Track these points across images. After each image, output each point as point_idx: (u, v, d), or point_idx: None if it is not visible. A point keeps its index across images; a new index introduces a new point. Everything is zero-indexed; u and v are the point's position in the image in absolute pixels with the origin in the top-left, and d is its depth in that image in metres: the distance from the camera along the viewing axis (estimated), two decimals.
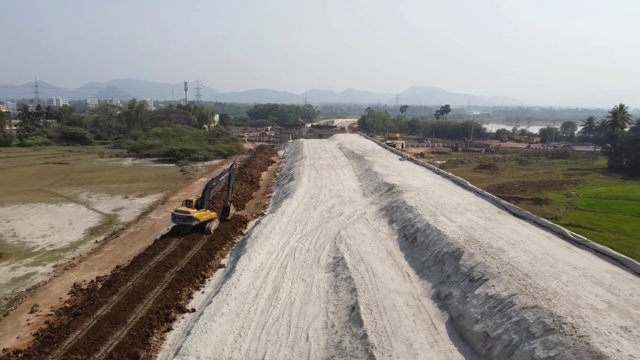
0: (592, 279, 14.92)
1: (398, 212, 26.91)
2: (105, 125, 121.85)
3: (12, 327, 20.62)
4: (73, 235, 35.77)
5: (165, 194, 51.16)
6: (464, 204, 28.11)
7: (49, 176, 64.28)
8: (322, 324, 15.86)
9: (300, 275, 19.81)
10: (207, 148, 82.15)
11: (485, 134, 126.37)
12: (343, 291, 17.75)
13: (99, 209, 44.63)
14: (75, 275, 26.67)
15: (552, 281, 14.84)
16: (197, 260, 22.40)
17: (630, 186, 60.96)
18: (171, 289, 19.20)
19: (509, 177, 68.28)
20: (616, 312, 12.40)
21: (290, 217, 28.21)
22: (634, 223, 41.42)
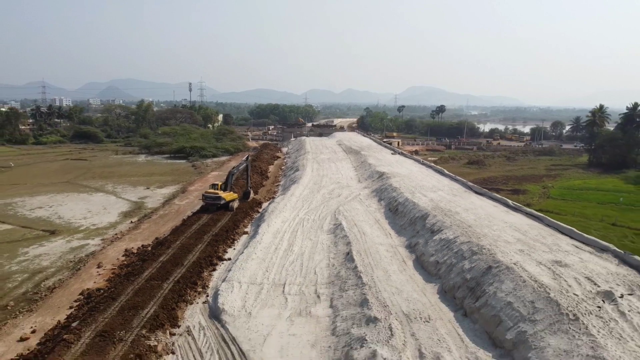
0: (514, 228, 21.38)
1: (385, 192, 33.54)
2: (114, 124, 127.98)
3: (87, 277, 27.02)
4: (110, 218, 42.06)
5: (183, 185, 57.48)
6: (438, 185, 34.75)
7: (72, 171, 70.53)
8: (325, 265, 22.28)
9: (308, 236, 26.26)
10: (215, 146, 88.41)
11: (478, 133, 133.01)
12: (340, 245, 24.17)
13: (126, 197, 50.95)
14: (123, 244, 33.02)
15: (485, 229, 21.30)
16: (226, 228, 28.88)
17: (603, 179, 67.48)
18: (211, 246, 25.63)
19: (494, 171, 74.75)
20: (519, 244, 18.86)
21: (298, 198, 34.76)
22: (595, 209, 47.90)
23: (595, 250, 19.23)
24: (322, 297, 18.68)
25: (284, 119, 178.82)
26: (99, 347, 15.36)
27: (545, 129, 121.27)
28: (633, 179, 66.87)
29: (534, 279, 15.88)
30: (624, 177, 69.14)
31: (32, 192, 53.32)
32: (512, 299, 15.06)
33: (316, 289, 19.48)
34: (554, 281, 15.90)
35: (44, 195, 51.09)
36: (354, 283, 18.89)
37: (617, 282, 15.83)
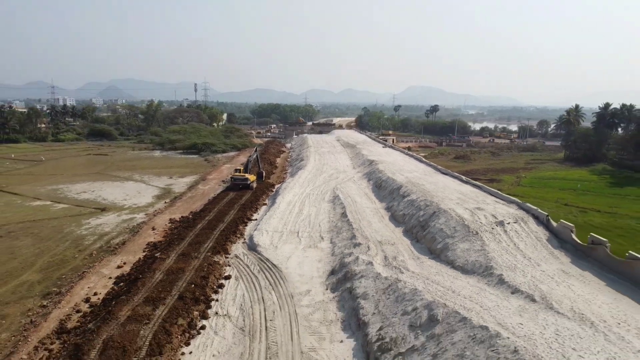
0: (459, 192, 30.52)
1: (373, 174, 42.79)
2: (125, 123, 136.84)
3: (146, 235, 35.96)
4: (146, 199, 50.93)
5: (201, 175, 66.46)
6: (414, 169, 44.09)
7: (97, 164, 79.47)
8: (327, 221, 31.37)
9: (313, 205, 35.37)
10: (224, 142, 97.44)
11: (470, 131, 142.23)
12: (338, 209, 33.29)
13: (154, 184, 59.90)
14: (166, 216, 41.94)
15: (439, 192, 30.46)
16: (250, 201, 38.04)
17: (573, 171, 76.59)
18: (241, 211, 34.73)
19: (477, 165, 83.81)
20: (458, 200, 28.03)
21: (304, 179, 43.93)
22: (555, 193, 56.93)
23: (506, 202, 28.50)
24: (325, 238, 27.67)
25: (285, 118, 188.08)
26: (183, 260, 24.36)
27: (531, 127, 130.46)
28: (599, 171, 75.98)
29: (458, 216, 24.94)
30: (592, 169, 78.21)
31: (70, 180, 62.19)
32: (444, 227, 24.08)
33: (320, 234, 28.48)
34: (471, 217, 24.95)
35: (83, 183, 59.98)
36: (346, 229, 27.88)
37: (509, 217, 24.85)
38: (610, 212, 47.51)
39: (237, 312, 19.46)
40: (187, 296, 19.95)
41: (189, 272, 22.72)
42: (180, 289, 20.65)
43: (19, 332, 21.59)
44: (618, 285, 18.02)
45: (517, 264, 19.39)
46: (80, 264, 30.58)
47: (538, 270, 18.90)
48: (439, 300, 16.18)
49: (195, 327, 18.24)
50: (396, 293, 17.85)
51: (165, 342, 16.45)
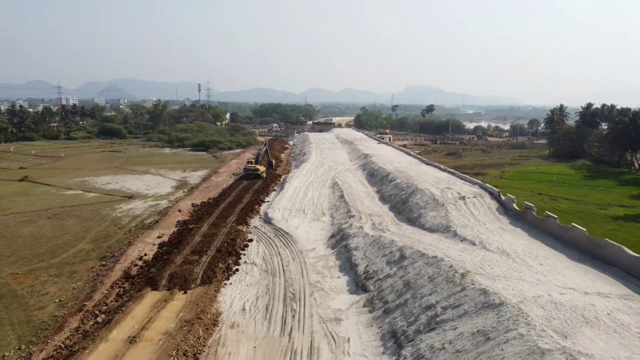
0: (435, 177, 37.60)
1: (368, 165, 49.81)
2: (133, 122, 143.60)
3: (175, 216, 42.70)
4: (166, 189, 57.64)
5: (212, 169, 73.25)
6: (403, 160, 51.15)
7: (114, 160, 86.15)
8: (327, 202, 38.27)
9: (316, 189, 42.31)
10: (230, 140, 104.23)
11: (464, 130, 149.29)
12: (337, 192, 40.21)
13: (171, 177, 66.63)
14: (188, 201, 48.69)
15: (420, 177, 37.50)
16: (261, 187, 44.99)
17: (554, 166, 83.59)
18: (255, 195, 41.66)
19: (467, 161, 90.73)
20: (433, 182, 35.02)
21: (307, 170, 50.98)
22: (532, 185, 63.80)
23: (471, 184, 35.69)
24: (326, 214, 34.50)
25: (286, 118, 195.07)
26: (214, 228, 31.21)
27: (522, 126, 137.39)
28: (578, 166, 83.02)
29: (431, 193, 31.90)
30: (572, 164, 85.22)
31: (93, 174, 68.85)
32: (419, 201, 30.98)
33: (322, 211, 35.33)
34: (441, 193, 31.92)
35: (106, 176, 66.66)
36: (343, 206, 34.75)
37: (470, 194, 31.77)
38: (576, 200, 54.59)
39: (261, 261, 26.28)
40: (223, 250, 26.79)
41: (220, 235, 29.56)
42: (217, 245, 27.49)
43: (92, 280, 28.41)
44: (535, 235, 24.98)
45: (469, 224, 26.22)
46: (123, 237, 37.36)
47: (483, 227, 25.71)
48: (408, 245, 22.97)
49: (231, 269, 25.05)
50: (379, 244, 24.67)
51: (212, 276, 23.27)
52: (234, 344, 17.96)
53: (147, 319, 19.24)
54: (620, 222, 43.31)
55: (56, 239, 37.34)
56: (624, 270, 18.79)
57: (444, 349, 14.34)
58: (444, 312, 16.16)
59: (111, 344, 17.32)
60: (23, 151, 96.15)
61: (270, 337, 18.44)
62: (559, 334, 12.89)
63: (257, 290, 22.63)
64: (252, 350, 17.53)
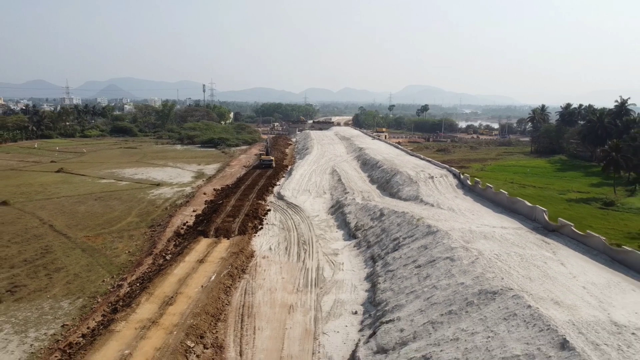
0: (415, 164, 47.55)
1: (361, 156, 59.78)
2: (142, 121, 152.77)
3: (201, 197, 52.15)
4: (186, 179, 66.96)
5: (224, 162, 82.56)
6: (391, 152, 60.96)
7: (132, 155, 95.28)
8: (328, 184, 47.96)
9: (318, 175, 52.02)
10: (236, 137, 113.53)
11: (457, 129, 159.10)
12: (335, 177, 49.90)
13: (188, 169, 75.94)
14: (209, 187, 58.12)
15: (402, 164, 47.15)
16: (272, 174, 54.74)
17: (533, 161, 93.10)
18: (268, 180, 51.32)
19: (455, 156, 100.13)
20: (412, 167, 44.74)
21: (310, 161, 60.77)
22: (508, 175, 73.24)
23: (440, 167, 45.54)
24: (327, 192, 44.07)
25: (287, 117, 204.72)
26: (240, 201, 40.77)
27: (511, 125, 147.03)
28: (555, 161, 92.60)
29: (408, 174, 41.75)
30: (550, 159, 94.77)
31: (118, 166, 78.07)
32: (399, 180, 40.69)
33: (324, 190, 44.95)
34: (416, 175, 41.79)
35: (130, 168, 75.94)
36: (341, 187, 44.39)
37: (438, 175, 41.65)
38: (542, 187, 64.12)
39: (278, 223, 35.82)
40: (250, 215, 36.34)
41: (246, 206, 39.12)
42: (244, 212, 37.04)
43: (150, 239, 37.84)
44: (478, 200, 34.85)
45: (432, 194, 35.85)
46: (162, 213, 46.75)
47: (442, 196, 35.31)
48: (386, 208, 32.44)
49: (257, 227, 34.59)
50: (366, 208, 34.20)
51: (245, 230, 32.80)
52: (266, 266, 27.47)
53: (206, 252, 28.76)
54: (571, 204, 52.82)
55: (107, 215, 46.68)
56: (524, 215, 28.29)
57: (401, 257, 23.84)
58: (404, 240, 25.69)
59: (187, 263, 26.81)
60: (46, 147, 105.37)
61: (290, 262, 27.97)
62: (465, 241, 22.39)
63: (278, 239, 32.15)
64: (279, 269, 27.03)
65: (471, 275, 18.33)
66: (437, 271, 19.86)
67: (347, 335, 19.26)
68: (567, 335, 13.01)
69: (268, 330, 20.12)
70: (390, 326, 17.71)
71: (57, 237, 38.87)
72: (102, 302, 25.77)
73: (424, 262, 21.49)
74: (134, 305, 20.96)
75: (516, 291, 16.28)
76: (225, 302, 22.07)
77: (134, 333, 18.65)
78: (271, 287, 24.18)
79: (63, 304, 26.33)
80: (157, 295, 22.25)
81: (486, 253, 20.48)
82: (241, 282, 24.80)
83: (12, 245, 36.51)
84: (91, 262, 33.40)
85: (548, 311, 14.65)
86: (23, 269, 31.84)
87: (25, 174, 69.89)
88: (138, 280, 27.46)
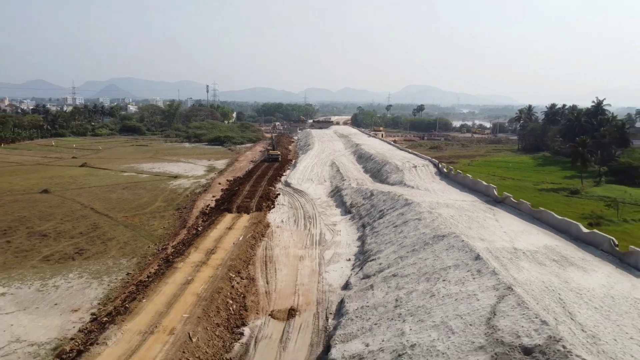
0: (403, 156, 55.89)
1: (358, 151, 68.03)
2: (149, 120, 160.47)
3: (217, 186, 60.16)
4: (200, 172, 74.81)
5: (232, 158, 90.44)
6: (384, 147, 69.30)
7: (145, 152, 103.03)
8: (328, 174, 56.21)
9: (319, 167, 60.26)
10: (241, 135, 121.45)
11: (451, 128, 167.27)
12: (334, 168, 58.07)
13: (200, 164, 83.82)
14: (223, 178, 66.07)
15: (392, 157, 55.38)
16: (279, 167, 62.81)
17: (518, 157, 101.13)
18: (275, 171, 59.57)
19: (446, 153, 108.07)
20: (400, 158, 53.08)
21: (312, 156, 69.09)
22: (492, 169, 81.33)
23: (423, 159, 53.84)
24: (327, 181, 52.21)
25: (287, 117, 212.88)
26: (253, 187, 48.89)
27: (503, 124, 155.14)
28: (538, 157, 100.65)
29: (395, 164, 49.99)
30: (534, 156, 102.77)
31: (136, 162, 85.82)
32: (388, 169, 48.86)
33: (324, 179, 53.10)
34: (402, 164, 50.02)
35: (147, 163, 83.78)
36: (339, 176, 52.56)
37: (421, 165, 49.84)
38: (520, 179, 72.06)
39: (287, 203, 43.85)
40: (263, 197, 44.40)
41: (259, 191, 47.17)
42: (259, 195, 45.05)
43: (180, 217, 45.74)
44: (450, 183, 43.23)
45: (414, 179, 44.05)
46: (185, 199, 54.64)
47: (422, 181, 43.48)
48: (375, 189, 40.47)
49: (270, 207, 42.56)
50: (359, 191, 42.30)
51: (261, 208, 40.82)
52: (280, 233, 35.47)
53: (232, 223, 36.75)
54: (542, 192, 60.73)
55: (137, 201, 54.47)
56: (482, 192, 36.43)
57: (384, 222, 31.85)
58: (387, 211, 33.72)
59: (219, 230, 34.78)
60: (62, 145, 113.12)
61: (299, 230, 35.96)
62: (431, 208, 30.45)
63: (287, 215, 40.18)
64: (290, 235, 35.01)
65: (430, 227, 26.26)
66: (407, 227, 27.82)
67: (343, 272, 27.20)
68: (481, 254, 20.98)
69: (285, 270, 28.08)
70: (372, 262, 25.68)
71: (101, 217, 46.74)
72: (154, 259, 33.71)
73: (399, 223, 29.47)
74: (186, 254, 28.88)
75: (457, 234, 24.21)
76: (252, 254, 30.00)
77: (191, 269, 26.52)
78: (285, 245, 32.16)
79: (122, 261, 34.24)
80: (202, 248, 30.17)
81: (444, 215, 28.45)
82: (262, 242, 32.76)
83: (66, 223, 44.39)
84: (135, 234, 41.31)
85: (474, 243, 22.60)
86: (81, 239, 39.72)
87: (53, 168, 77.72)
88: (179, 244, 35.37)
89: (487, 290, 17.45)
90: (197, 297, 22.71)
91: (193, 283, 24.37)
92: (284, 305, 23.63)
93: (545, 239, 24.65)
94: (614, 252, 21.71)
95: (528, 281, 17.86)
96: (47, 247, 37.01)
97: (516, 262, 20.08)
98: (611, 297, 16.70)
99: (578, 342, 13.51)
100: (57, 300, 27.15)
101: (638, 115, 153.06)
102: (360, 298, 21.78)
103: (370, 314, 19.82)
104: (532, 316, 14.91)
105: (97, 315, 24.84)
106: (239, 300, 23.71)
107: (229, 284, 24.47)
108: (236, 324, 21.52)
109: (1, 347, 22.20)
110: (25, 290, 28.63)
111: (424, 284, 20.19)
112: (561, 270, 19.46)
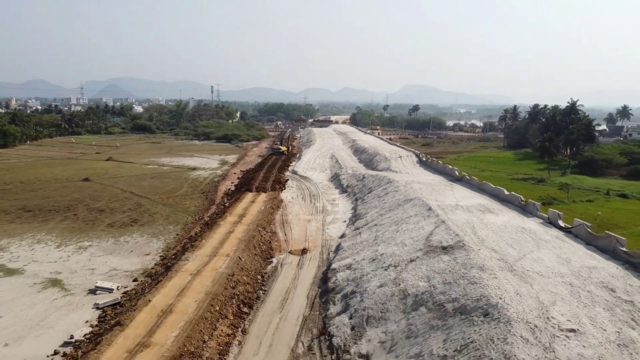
0: (391, 149, 66.71)
1: (354, 146, 79.23)
2: (158, 119, 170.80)
3: (233, 175, 70.98)
4: (214, 165, 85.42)
5: (241, 154, 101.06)
6: (377, 142, 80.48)
7: (160, 148, 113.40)
8: (328, 164, 67.25)
9: (321, 159, 71.29)
10: (247, 134, 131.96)
11: (444, 127, 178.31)
12: (334, 160, 69.09)
13: (213, 158, 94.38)
14: (236, 169, 76.80)
15: (383, 149, 66.33)
16: (286, 159, 73.70)
17: (501, 153, 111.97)
18: (283, 162, 70.42)
19: (437, 150, 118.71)
20: (389, 150, 64.02)
21: (315, 150, 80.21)
22: (475, 163, 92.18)
23: (409, 151, 64.71)
24: (327, 169, 63.22)
25: (288, 116, 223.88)
26: (266, 174, 59.85)
27: (493, 123, 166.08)
28: (520, 153, 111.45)
29: (384, 155, 61.07)
30: (516, 152, 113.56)
31: (155, 156, 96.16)
32: (378, 159, 59.96)
33: (325, 168, 64.12)
34: (390, 155, 61.09)
35: (165, 158, 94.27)
36: (337, 165, 63.53)
37: (406, 155, 60.72)
38: (497, 171, 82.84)
39: (295, 186, 54.70)
40: (275, 181, 55.30)
41: (272, 177, 57.99)
42: (272, 179, 55.88)
43: (207, 198, 56.39)
44: (427, 169, 54.29)
45: (398, 166, 55.10)
46: (207, 186, 65.26)
47: (405, 167, 54.54)
48: (367, 173, 51.26)
49: (282, 189, 53.32)
50: (354, 175, 53.31)
51: (275, 188, 51.67)
52: (291, 206, 46.26)
53: (253, 198, 47.53)
54: (513, 181, 71.50)
55: (166, 187, 64.97)
56: (448, 174, 47.41)
57: (371, 195, 42.64)
58: (374, 188, 44.53)
59: (244, 203, 45.53)
60: (81, 142, 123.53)
61: (306, 204, 46.77)
62: (406, 184, 41.29)
63: (296, 194, 50.97)
64: (299, 206, 45.79)
65: (403, 195, 37.05)
66: (387, 196, 38.61)
67: (340, 229, 37.95)
68: (432, 207, 31.81)
69: (297, 228, 38.83)
70: (361, 220, 36.46)
71: (140, 199, 57.33)
72: (195, 224, 44.36)
73: (382, 194, 40.28)
74: (224, 216, 39.57)
75: (421, 198, 35.01)
76: (272, 218, 40.76)
77: (230, 225, 37.23)
78: (296, 213, 42.97)
79: (169, 227, 44.88)
80: (235, 214, 40.89)
81: (415, 187, 39.35)
82: (279, 211, 43.56)
83: (114, 202, 54.99)
84: (173, 210, 51.95)
85: (430, 202, 33.42)
86: (131, 213, 50.29)
87: (82, 162, 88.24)
88: (212, 215, 46.02)
89: (430, 224, 28.27)
90: (239, 240, 33.37)
91: (234, 232, 35.05)
92: (298, 247, 34.36)
93: (480, 199, 35.48)
94: (521, 205, 32.53)
95: (457, 220, 28.64)
96: (108, 218, 47.61)
97: (454, 211, 30.79)
98: (505, 226, 27.39)
99: (472, 242, 24.27)
100: (131, 248, 37.82)
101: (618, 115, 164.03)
102: (351, 240, 32.56)
103: (358, 247, 30.60)
104: (451, 234, 25.65)
105: (165, 256, 35.47)
106: (267, 244, 34.35)
107: (259, 234, 35.15)
108: (267, 257, 32.16)
109: (106, 272, 32.86)
110: (104, 243, 39.22)
111: (394, 226, 31.00)
112: (481, 214, 30.26)
